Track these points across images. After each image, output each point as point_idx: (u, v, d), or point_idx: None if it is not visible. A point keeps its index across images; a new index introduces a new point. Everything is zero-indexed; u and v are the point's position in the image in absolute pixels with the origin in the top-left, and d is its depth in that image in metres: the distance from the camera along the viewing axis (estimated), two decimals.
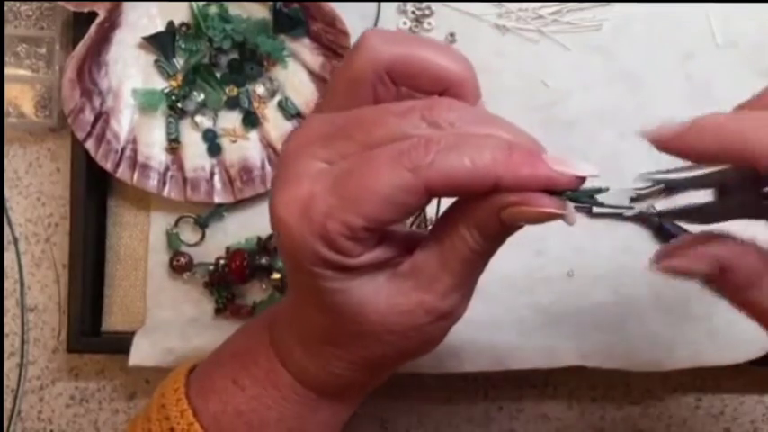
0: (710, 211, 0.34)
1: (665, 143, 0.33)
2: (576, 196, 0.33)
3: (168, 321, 0.54)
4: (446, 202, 0.35)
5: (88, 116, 0.52)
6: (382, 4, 0.54)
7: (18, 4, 0.56)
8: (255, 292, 0.55)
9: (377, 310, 0.35)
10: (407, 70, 0.34)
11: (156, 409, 0.41)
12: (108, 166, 0.52)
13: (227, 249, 0.54)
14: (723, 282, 0.34)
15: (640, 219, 0.53)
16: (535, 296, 0.53)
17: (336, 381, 0.39)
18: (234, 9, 0.53)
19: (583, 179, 0.32)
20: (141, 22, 0.53)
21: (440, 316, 0.35)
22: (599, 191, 0.33)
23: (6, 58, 0.55)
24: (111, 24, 0.52)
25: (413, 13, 0.54)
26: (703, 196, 0.34)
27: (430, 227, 0.41)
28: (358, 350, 0.37)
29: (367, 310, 0.35)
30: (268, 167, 0.53)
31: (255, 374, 0.40)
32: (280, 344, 0.40)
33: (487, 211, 0.33)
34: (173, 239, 0.54)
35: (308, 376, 0.39)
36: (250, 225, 0.54)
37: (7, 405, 0.57)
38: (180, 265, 0.54)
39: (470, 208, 0.33)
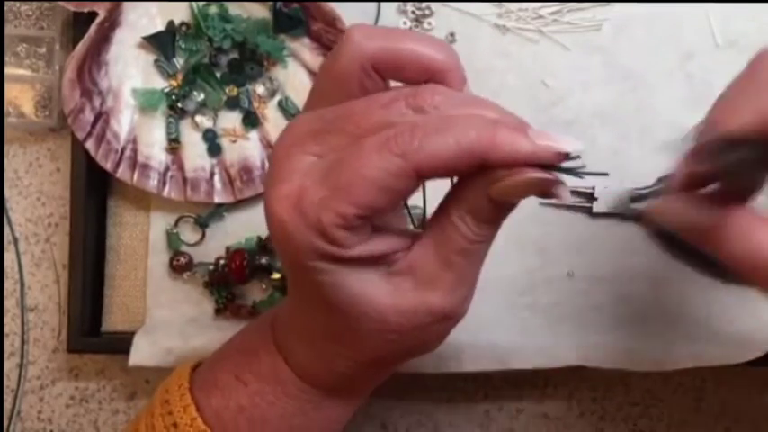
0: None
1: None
2: (563, 170, 0.32)
3: (168, 321, 0.54)
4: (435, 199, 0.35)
5: (88, 116, 0.52)
6: (382, 4, 0.54)
7: (18, 4, 0.56)
8: (255, 292, 0.55)
9: (377, 308, 0.35)
10: (392, 62, 0.34)
11: (160, 405, 0.41)
12: (108, 166, 0.52)
13: (227, 249, 0.54)
14: None
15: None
16: (535, 296, 0.53)
17: (339, 378, 0.39)
18: (234, 9, 0.53)
19: (566, 153, 0.32)
20: (141, 21, 0.53)
21: (442, 316, 0.35)
22: (602, 173, 0.33)
23: (6, 58, 0.55)
24: (111, 24, 0.52)
25: (413, 13, 0.54)
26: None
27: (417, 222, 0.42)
28: (361, 348, 0.37)
29: (366, 308, 0.35)
30: (268, 167, 0.53)
31: (258, 370, 0.40)
32: (282, 341, 0.40)
33: (476, 191, 0.33)
34: (173, 239, 0.54)
35: (311, 373, 0.39)
36: (250, 225, 0.54)
37: (7, 405, 0.57)
38: (180, 265, 0.54)
39: (460, 193, 0.34)
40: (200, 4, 0.53)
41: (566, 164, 0.32)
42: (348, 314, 0.35)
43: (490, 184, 0.32)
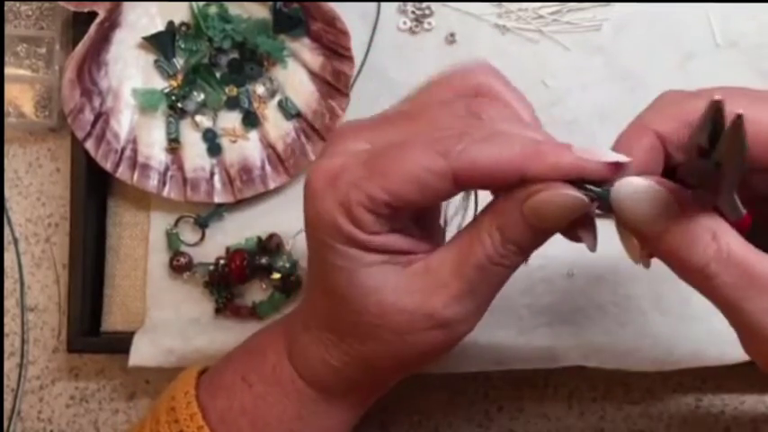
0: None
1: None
2: (599, 194, 0.32)
3: (168, 321, 0.54)
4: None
5: (88, 116, 0.52)
6: (382, 4, 0.54)
7: (18, 4, 0.56)
8: (255, 292, 0.55)
9: (379, 303, 0.35)
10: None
11: (166, 412, 0.41)
12: (108, 166, 0.52)
13: (227, 249, 0.54)
14: None
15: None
16: (535, 296, 0.53)
17: (334, 377, 0.39)
18: (234, 9, 0.53)
19: (614, 166, 0.31)
20: (141, 21, 0.53)
21: (438, 324, 0.35)
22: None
23: (6, 58, 0.55)
24: (111, 24, 0.52)
25: (413, 13, 0.54)
26: None
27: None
28: (354, 342, 0.37)
29: (369, 301, 0.35)
30: (268, 167, 0.53)
31: (262, 370, 0.40)
32: (289, 333, 0.40)
33: (510, 204, 0.33)
34: (173, 239, 0.54)
35: (308, 366, 0.39)
36: (250, 225, 0.54)
37: (7, 405, 0.57)
38: (180, 265, 0.54)
39: (495, 206, 0.34)
40: (200, 4, 0.53)
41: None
42: (351, 306, 0.35)
43: (525, 198, 0.32)
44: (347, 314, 0.36)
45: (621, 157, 0.32)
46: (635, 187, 0.31)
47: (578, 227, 0.34)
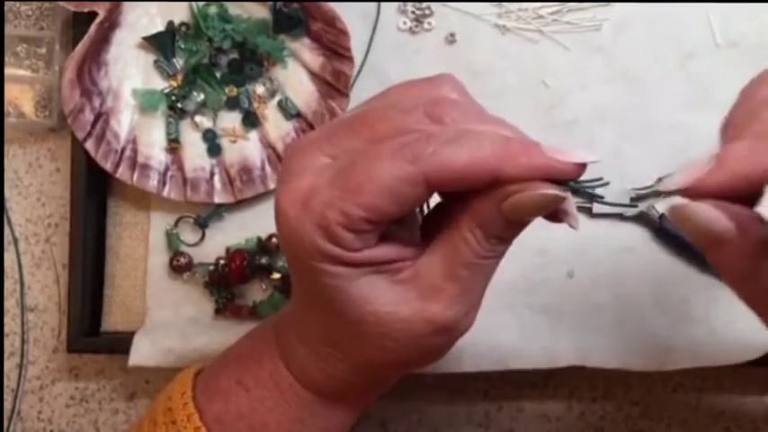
0: None
1: (692, 190, 0.32)
2: (578, 188, 0.32)
3: (168, 321, 0.54)
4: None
5: (88, 116, 0.52)
6: (382, 4, 0.54)
7: (18, 4, 0.56)
8: (255, 292, 0.55)
9: (375, 313, 0.35)
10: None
11: (163, 413, 0.41)
12: (108, 166, 0.52)
13: (227, 249, 0.54)
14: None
15: (640, 219, 0.53)
16: (535, 296, 0.53)
17: (335, 384, 0.39)
18: (234, 9, 0.53)
19: (583, 166, 0.32)
20: (141, 22, 0.53)
21: (441, 327, 0.35)
22: (600, 181, 0.33)
23: (6, 58, 0.55)
24: (111, 24, 0.52)
25: (413, 13, 0.54)
26: None
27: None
28: (356, 354, 0.37)
29: (365, 312, 0.35)
30: (268, 167, 0.53)
31: (259, 375, 0.40)
32: (284, 343, 0.40)
33: (489, 204, 0.33)
34: (173, 239, 0.54)
35: (309, 377, 0.39)
36: (250, 225, 0.54)
37: (7, 405, 0.57)
38: (180, 266, 0.54)
39: (472, 206, 0.33)
40: (200, 4, 0.53)
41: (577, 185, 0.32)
42: (347, 318, 0.35)
43: (503, 198, 0.32)
44: (346, 327, 0.36)
45: (589, 157, 0.32)
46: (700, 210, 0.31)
47: (558, 211, 0.34)
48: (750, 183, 0.30)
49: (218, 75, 0.54)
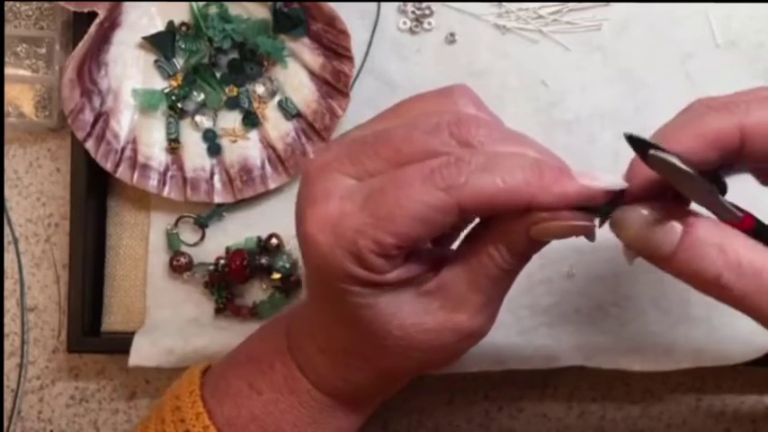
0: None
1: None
2: (606, 212, 0.33)
3: (168, 321, 0.54)
4: None
5: (88, 116, 0.52)
6: (382, 4, 0.54)
7: (18, 4, 0.56)
8: (255, 292, 0.55)
9: (402, 326, 0.35)
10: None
11: (171, 411, 0.41)
12: (108, 166, 0.52)
13: (227, 249, 0.54)
14: None
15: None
16: (535, 296, 0.53)
17: (355, 389, 0.39)
18: (234, 9, 0.53)
19: (611, 192, 0.33)
20: (141, 22, 0.53)
21: (467, 335, 0.36)
22: (616, 200, 0.33)
23: (6, 58, 0.55)
24: (111, 24, 0.52)
25: (413, 13, 0.54)
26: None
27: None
28: (382, 363, 0.37)
29: (392, 326, 0.35)
30: (268, 167, 0.53)
31: (272, 379, 0.40)
32: (298, 351, 0.40)
33: (516, 228, 0.33)
34: (173, 239, 0.54)
35: (328, 384, 0.40)
36: (250, 225, 0.54)
37: (7, 405, 0.57)
38: (180, 265, 0.54)
39: (500, 227, 0.34)
40: (200, 4, 0.53)
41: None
42: (375, 333, 0.35)
43: (533, 224, 0.33)
44: (372, 341, 0.36)
45: (622, 184, 0.33)
46: (636, 216, 0.32)
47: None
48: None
49: (218, 75, 0.54)
